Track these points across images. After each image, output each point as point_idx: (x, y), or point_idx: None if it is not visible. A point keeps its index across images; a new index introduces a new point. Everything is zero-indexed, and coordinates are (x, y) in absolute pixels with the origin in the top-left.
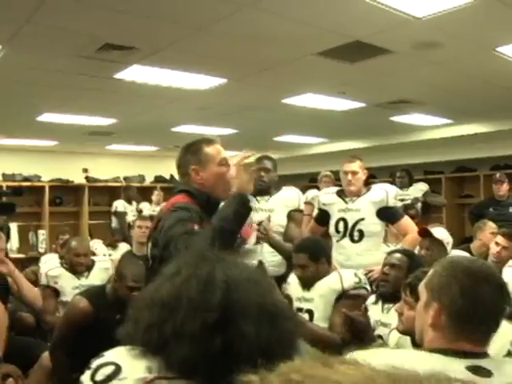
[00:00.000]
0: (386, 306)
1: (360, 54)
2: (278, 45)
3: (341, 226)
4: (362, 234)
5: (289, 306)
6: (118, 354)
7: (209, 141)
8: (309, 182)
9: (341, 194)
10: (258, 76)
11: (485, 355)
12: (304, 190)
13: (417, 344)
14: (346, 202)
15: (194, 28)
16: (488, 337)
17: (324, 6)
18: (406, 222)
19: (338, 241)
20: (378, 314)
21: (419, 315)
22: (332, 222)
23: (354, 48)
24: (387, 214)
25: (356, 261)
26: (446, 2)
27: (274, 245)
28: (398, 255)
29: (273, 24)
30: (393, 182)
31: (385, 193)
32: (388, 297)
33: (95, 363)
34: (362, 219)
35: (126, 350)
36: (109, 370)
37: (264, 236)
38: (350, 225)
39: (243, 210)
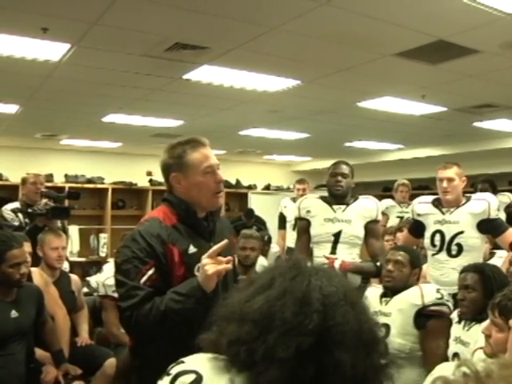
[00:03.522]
0: (468, 322)
1: (443, 54)
2: (354, 45)
3: (437, 238)
4: (460, 248)
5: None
6: (199, 362)
7: (195, 144)
8: (382, 190)
9: (437, 203)
10: (333, 78)
11: None
12: (378, 199)
13: None
14: (443, 213)
15: (267, 27)
16: None
17: (404, 4)
18: (503, 236)
19: (433, 255)
20: (459, 330)
21: None
22: (427, 235)
23: (436, 48)
24: (490, 227)
25: (453, 277)
26: None
27: (355, 271)
28: (469, 275)
29: (350, 22)
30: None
31: (486, 204)
32: (469, 318)
33: (175, 370)
34: (461, 232)
35: (208, 358)
36: (189, 378)
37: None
38: (447, 238)
39: (196, 305)
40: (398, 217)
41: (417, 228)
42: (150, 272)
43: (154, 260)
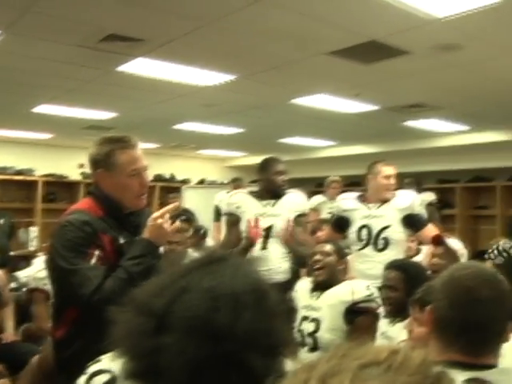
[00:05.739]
0: (393, 317)
1: (375, 54)
2: (290, 42)
3: (364, 233)
4: (387, 242)
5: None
6: (115, 361)
7: (124, 145)
8: (315, 186)
9: (362, 199)
10: (268, 74)
11: (488, 367)
12: (310, 195)
13: None
14: (370, 208)
15: (203, 21)
16: (487, 348)
17: (339, 4)
18: (431, 230)
19: (360, 249)
20: (385, 325)
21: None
22: (353, 230)
23: (369, 48)
24: (412, 222)
25: (380, 271)
26: (467, 3)
27: (289, 246)
28: (392, 274)
29: (286, 20)
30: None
31: (411, 199)
32: (393, 315)
33: (91, 369)
34: (388, 226)
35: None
36: (104, 378)
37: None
38: (374, 232)
39: (154, 260)
40: (329, 213)
41: (340, 224)
42: (97, 252)
43: (93, 244)
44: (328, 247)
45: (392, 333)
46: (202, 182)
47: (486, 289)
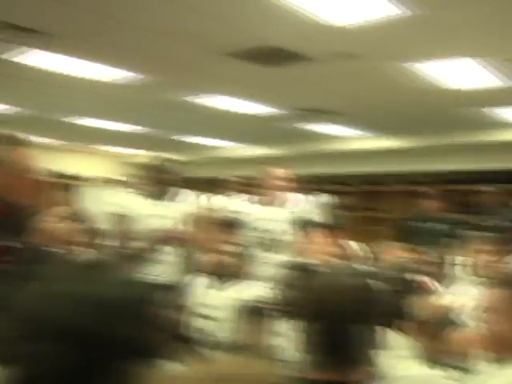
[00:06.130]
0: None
1: (276, 58)
2: (188, 41)
3: (257, 235)
4: (279, 244)
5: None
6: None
7: (13, 142)
8: (214, 187)
9: (255, 201)
10: (166, 72)
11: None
12: (209, 195)
13: None
14: (262, 211)
15: (103, 16)
16: (354, 363)
17: (241, 7)
18: (317, 233)
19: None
20: (280, 324)
21: None
22: (246, 232)
23: (268, 52)
24: (301, 224)
25: (272, 272)
26: (366, 14)
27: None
28: (288, 274)
29: (185, 19)
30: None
31: (303, 202)
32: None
33: None
34: (280, 229)
35: None
36: None
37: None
38: (267, 235)
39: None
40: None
41: (229, 225)
42: None
43: None
44: (230, 248)
45: (286, 331)
46: (98, 179)
47: (339, 301)
